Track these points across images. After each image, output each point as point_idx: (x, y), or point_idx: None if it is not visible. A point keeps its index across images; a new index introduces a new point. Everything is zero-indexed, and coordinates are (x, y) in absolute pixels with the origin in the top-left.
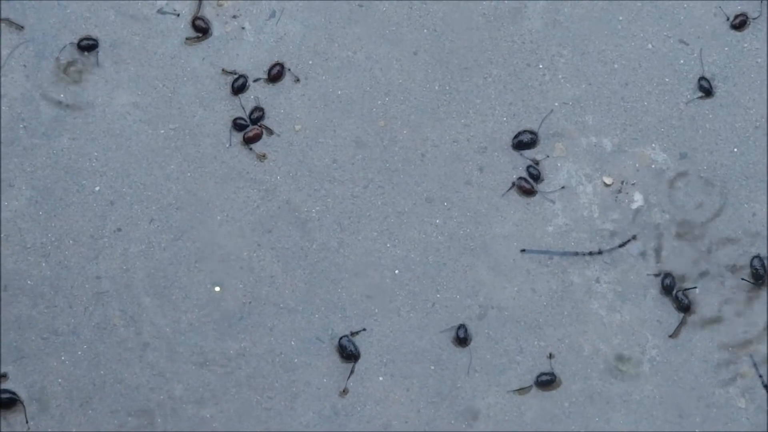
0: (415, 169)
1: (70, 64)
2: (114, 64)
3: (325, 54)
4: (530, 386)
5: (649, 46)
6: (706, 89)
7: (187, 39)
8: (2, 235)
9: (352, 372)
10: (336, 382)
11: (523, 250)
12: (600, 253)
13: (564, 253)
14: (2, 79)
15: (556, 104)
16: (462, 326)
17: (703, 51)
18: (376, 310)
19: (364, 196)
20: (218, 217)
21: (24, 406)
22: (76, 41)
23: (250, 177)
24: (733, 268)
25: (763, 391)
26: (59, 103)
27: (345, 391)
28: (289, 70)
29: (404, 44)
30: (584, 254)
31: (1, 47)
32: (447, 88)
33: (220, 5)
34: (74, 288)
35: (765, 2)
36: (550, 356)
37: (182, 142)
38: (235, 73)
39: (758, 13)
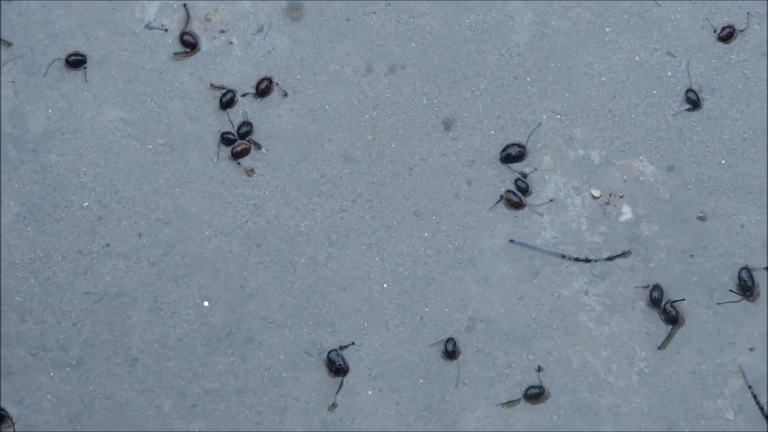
0: (404, 182)
1: (58, 80)
2: (102, 79)
3: (313, 68)
4: (519, 399)
5: (637, 58)
6: (694, 101)
7: (175, 54)
8: None
9: (340, 386)
10: (325, 396)
11: (511, 241)
12: (587, 261)
13: (551, 253)
14: None
15: (544, 117)
16: (450, 340)
17: (690, 63)
18: (365, 324)
19: (352, 210)
20: (207, 232)
21: (13, 422)
22: (64, 57)
23: (238, 192)
24: (721, 280)
25: (752, 402)
26: (48, 118)
27: (334, 405)
28: (277, 84)
29: (392, 58)
30: (571, 258)
31: None
32: (435, 101)
33: (208, 20)
34: (63, 304)
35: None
36: (539, 369)
37: (170, 157)
38: (224, 88)
39: (745, 25)
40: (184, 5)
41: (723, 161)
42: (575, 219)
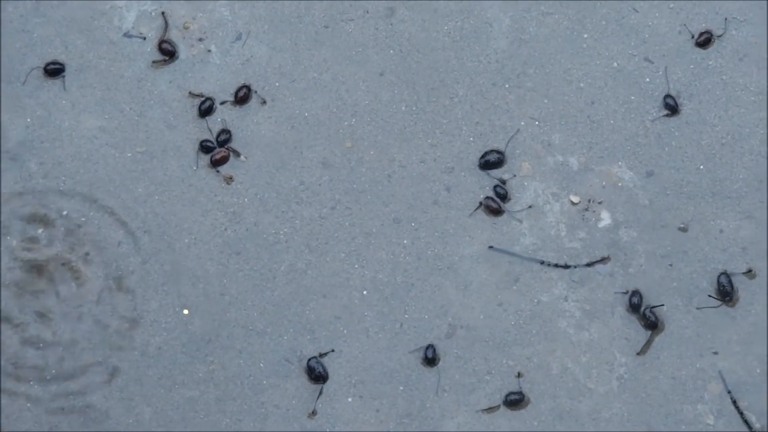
0: (383, 189)
1: (36, 88)
2: (80, 88)
3: (292, 76)
4: (499, 405)
5: (615, 64)
6: (672, 107)
7: (153, 62)
8: None
9: (320, 393)
10: (305, 404)
11: (490, 247)
12: (566, 267)
13: (530, 259)
14: None
15: (523, 123)
16: (430, 346)
17: (668, 69)
18: (345, 331)
19: (331, 217)
20: (186, 240)
21: None
22: (42, 66)
23: (217, 200)
24: (700, 285)
25: (732, 407)
26: (26, 127)
27: (314, 413)
28: (256, 92)
29: (370, 65)
30: (550, 264)
31: None
32: (413, 108)
33: (186, 28)
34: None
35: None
36: (519, 375)
37: (149, 165)
38: (202, 96)
39: (722, 31)
40: (162, 13)
41: (701, 167)
42: (554, 225)
